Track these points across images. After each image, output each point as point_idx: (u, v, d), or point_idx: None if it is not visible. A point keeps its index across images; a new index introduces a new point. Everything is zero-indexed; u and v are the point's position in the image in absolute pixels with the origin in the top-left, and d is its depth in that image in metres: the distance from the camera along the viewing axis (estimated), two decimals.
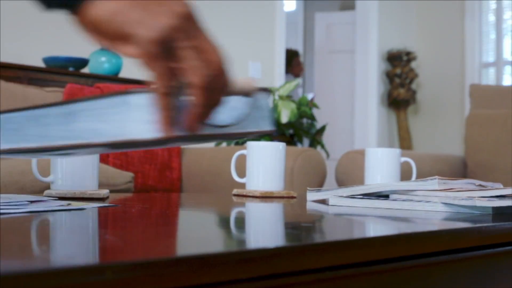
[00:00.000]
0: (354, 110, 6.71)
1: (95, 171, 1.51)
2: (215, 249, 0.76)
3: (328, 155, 3.75)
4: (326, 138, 7.11)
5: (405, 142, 6.48)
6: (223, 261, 0.63)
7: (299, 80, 3.65)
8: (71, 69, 3.53)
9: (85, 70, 3.77)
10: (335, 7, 7.81)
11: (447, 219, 1.20)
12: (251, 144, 1.78)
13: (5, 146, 0.85)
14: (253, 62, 5.35)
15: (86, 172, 1.47)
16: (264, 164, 1.74)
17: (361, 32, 6.66)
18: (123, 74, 3.97)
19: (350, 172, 2.82)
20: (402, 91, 6.54)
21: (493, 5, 6.68)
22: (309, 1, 8.14)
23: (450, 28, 6.64)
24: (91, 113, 0.79)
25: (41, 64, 3.69)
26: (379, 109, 6.62)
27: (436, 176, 1.38)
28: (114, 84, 3.19)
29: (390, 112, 6.72)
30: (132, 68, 4.09)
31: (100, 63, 3.69)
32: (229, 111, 0.86)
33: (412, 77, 6.62)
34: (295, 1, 8.25)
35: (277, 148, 1.75)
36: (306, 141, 4.40)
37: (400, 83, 6.57)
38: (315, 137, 3.54)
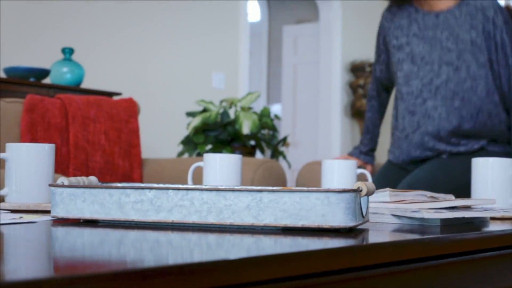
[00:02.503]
0: (318, 121, 6.76)
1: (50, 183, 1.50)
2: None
3: (289, 165, 3.77)
4: (290, 148, 7.16)
5: None
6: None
7: (260, 92, 3.66)
8: (32, 79, 3.51)
9: (47, 80, 3.75)
10: (299, 18, 7.85)
11: (396, 230, 1.22)
12: (207, 156, 1.79)
13: None
14: (216, 72, 5.35)
15: (40, 184, 1.47)
16: (220, 176, 1.76)
17: (325, 44, 6.71)
18: (85, 84, 3.96)
19: (310, 183, 2.84)
20: (365, 101, 6.59)
21: None
22: (274, 12, 8.17)
23: None
24: None
25: (2, 75, 3.66)
26: (343, 120, 6.67)
27: (387, 188, 1.40)
28: (75, 94, 3.18)
29: (353, 123, 6.77)
30: (94, 78, 4.08)
31: (61, 74, 3.67)
32: None
33: None
34: (259, 12, 8.27)
35: (233, 160, 1.76)
36: (268, 152, 4.42)
37: (363, 93, 6.63)
38: (277, 148, 3.56)
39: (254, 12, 8.23)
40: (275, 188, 1.08)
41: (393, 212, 1.32)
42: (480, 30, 2.29)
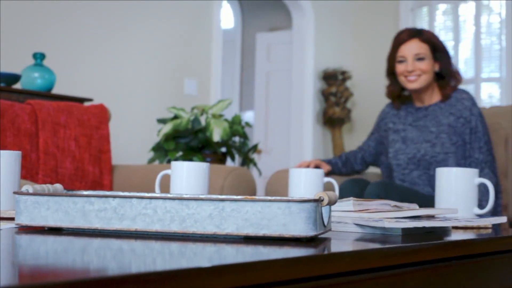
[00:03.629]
0: (290, 128, 6.78)
1: (15, 190, 1.50)
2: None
3: (260, 173, 3.79)
4: (263, 155, 7.18)
5: None
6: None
7: (231, 99, 3.68)
8: (2, 84, 3.49)
9: (17, 85, 3.73)
10: (272, 25, 7.87)
11: (358, 239, 1.24)
12: (175, 164, 1.80)
13: None
14: (189, 79, 5.35)
15: (5, 191, 1.46)
16: (187, 184, 1.76)
17: (298, 51, 6.74)
18: (56, 90, 3.95)
19: (279, 191, 2.86)
20: (337, 109, 6.63)
21: (425, 26, 6.83)
22: (247, 19, 8.19)
23: (385, 48, 6.75)
24: None
25: None
26: (315, 127, 6.70)
27: (351, 198, 1.42)
28: (46, 100, 3.17)
29: (325, 130, 6.80)
30: (65, 84, 4.07)
31: (32, 79, 3.65)
32: None
33: (347, 96, 6.72)
34: (233, 19, 8.29)
35: (200, 168, 1.77)
36: (239, 159, 4.43)
37: (335, 101, 6.66)
38: (247, 156, 3.57)
39: (228, 19, 8.24)
40: (237, 197, 1.09)
41: (356, 221, 1.34)
42: (458, 116, 2.87)
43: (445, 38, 6.74)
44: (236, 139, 3.70)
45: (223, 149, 3.57)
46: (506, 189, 3.05)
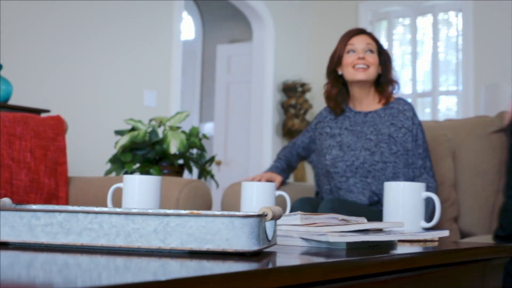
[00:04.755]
0: (249, 140, 6.80)
1: None
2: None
3: (217, 185, 3.80)
4: (222, 167, 7.19)
5: (298, 172, 6.60)
6: None
7: (189, 111, 3.68)
8: None
9: None
10: (233, 37, 7.90)
11: (303, 253, 1.26)
12: (127, 178, 1.81)
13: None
14: (148, 90, 5.35)
15: None
16: (139, 197, 1.77)
17: (258, 63, 6.77)
18: (12, 101, 3.93)
19: (235, 203, 2.87)
20: (296, 121, 6.67)
21: (383, 39, 6.92)
22: (208, 31, 8.21)
23: None
24: None
25: None
26: (274, 139, 6.73)
27: (299, 212, 1.44)
28: (2, 111, 3.15)
29: (284, 142, 6.83)
30: (22, 95, 4.05)
31: None
32: None
33: (306, 108, 6.77)
34: (194, 30, 8.30)
35: (152, 181, 1.78)
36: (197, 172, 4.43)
37: (294, 113, 6.70)
38: (205, 168, 3.58)
39: (188, 31, 8.25)
40: (181, 212, 1.11)
41: (302, 235, 1.36)
42: (400, 127, 2.87)
43: (404, 51, 6.84)
44: (194, 151, 3.70)
45: (181, 161, 3.57)
46: (455, 200, 3.10)
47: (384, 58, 2.98)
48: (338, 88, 3.02)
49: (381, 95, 2.98)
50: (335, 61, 2.99)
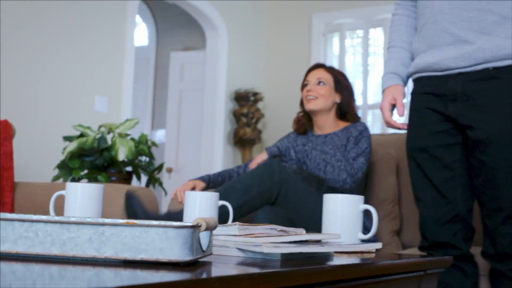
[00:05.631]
0: (201, 147, 6.81)
1: None
2: None
3: (166, 192, 3.81)
4: (173, 174, 7.18)
5: None
6: None
7: (138, 118, 3.69)
8: None
9: None
10: (187, 45, 7.91)
11: (239, 264, 1.28)
12: (69, 185, 1.81)
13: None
14: (99, 96, 5.33)
15: None
16: (82, 205, 1.78)
17: (210, 72, 6.79)
18: None
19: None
20: (248, 130, 6.70)
21: (336, 50, 6.99)
22: (162, 38, 8.21)
23: (296, 71, 6.89)
24: None
25: None
26: (225, 147, 6.75)
27: (237, 222, 1.47)
28: None
29: (235, 150, 6.86)
30: None
31: None
32: None
33: (258, 117, 6.80)
34: (147, 37, 8.29)
35: (94, 189, 1.79)
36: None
37: (246, 122, 6.74)
38: (153, 175, 3.58)
39: (142, 37, 8.24)
40: (117, 221, 1.12)
41: (238, 246, 1.39)
42: (349, 136, 3.09)
43: (356, 63, 6.92)
44: (143, 158, 3.71)
45: (129, 168, 3.58)
46: (398, 215, 3.16)
47: (341, 87, 3.26)
48: (307, 116, 3.33)
49: (342, 121, 3.27)
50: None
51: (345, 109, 3.25)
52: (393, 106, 2.55)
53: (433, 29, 2.33)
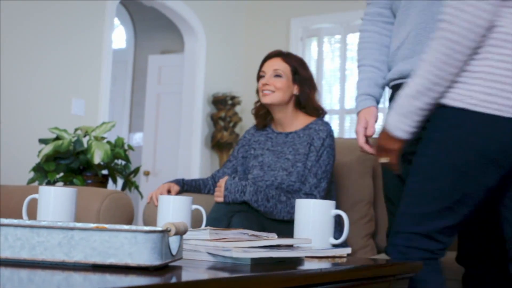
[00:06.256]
0: (178, 151, 6.81)
1: None
2: None
3: (142, 196, 3.80)
4: (150, 177, 7.18)
5: None
6: None
7: (115, 121, 3.69)
8: None
9: None
10: (165, 48, 7.91)
11: (209, 268, 1.29)
12: (42, 189, 1.82)
13: None
14: (76, 99, 5.32)
15: None
16: (54, 208, 1.78)
17: (188, 75, 6.80)
18: None
19: (155, 215, 2.88)
20: (225, 134, 6.71)
21: (314, 55, 7.02)
22: (140, 41, 8.20)
23: None
24: None
25: None
26: (203, 151, 6.76)
27: (208, 227, 1.48)
28: None
29: (213, 154, 6.87)
30: None
31: None
32: None
33: (236, 120, 6.82)
34: (125, 40, 8.28)
35: (67, 193, 1.80)
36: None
37: (224, 126, 6.75)
38: (129, 179, 3.58)
39: (120, 40, 8.23)
40: (87, 226, 1.13)
41: (209, 250, 1.40)
42: (311, 145, 2.95)
43: (334, 67, 6.95)
44: (120, 161, 3.70)
45: (105, 172, 3.57)
46: (373, 217, 3.18)
47: (299, 78, 3.08)
48: (265, 108, 3.15)
49: (302, 114, 3.09)
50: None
51: (304, 102, 3.06)
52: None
53: (423, 35, 2.31)
